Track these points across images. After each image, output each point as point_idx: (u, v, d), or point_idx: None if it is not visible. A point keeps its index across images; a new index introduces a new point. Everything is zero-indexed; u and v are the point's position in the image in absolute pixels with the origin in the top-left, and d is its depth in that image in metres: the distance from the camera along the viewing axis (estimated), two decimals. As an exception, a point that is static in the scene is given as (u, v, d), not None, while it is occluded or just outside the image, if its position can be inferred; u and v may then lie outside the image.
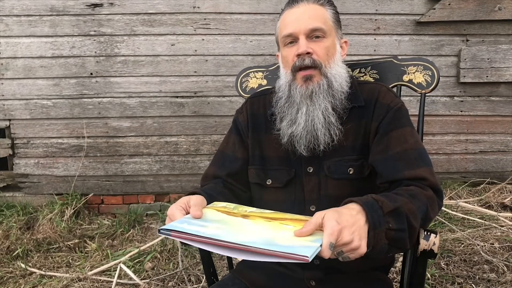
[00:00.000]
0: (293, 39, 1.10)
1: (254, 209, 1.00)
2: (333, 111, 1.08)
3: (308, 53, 1.07)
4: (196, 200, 0.96)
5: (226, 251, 0.78)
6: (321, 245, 0.77)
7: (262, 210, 0.99)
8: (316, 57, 1.07)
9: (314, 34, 1.08)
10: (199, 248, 1.24)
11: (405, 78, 1.34)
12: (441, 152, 3.25)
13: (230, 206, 1.01)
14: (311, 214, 1.08)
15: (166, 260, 2.47)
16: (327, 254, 0.77)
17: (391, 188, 0.99)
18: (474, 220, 2.71)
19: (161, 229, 0.85)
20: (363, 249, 0.80)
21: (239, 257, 0.79)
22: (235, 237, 0.79)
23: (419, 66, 1.33)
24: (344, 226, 0.79)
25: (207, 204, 1.00)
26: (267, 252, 0.74)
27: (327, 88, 1.08)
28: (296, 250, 0.73)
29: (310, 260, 0.72)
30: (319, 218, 0.81)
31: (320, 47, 1.08)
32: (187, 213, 0.94)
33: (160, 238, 2.65)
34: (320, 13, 1.10)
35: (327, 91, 1.08)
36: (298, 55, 1.08)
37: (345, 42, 1.18)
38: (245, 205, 1.09)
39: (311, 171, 1.10)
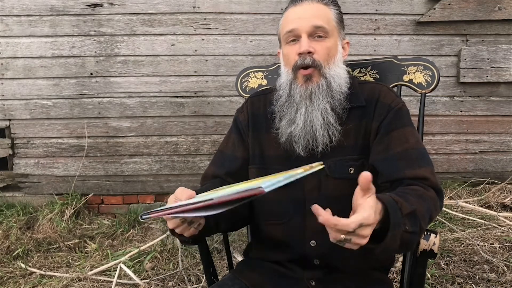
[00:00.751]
0: (295, 37, 1.09)
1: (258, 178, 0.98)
2: (332, 112, 1.07)
3: (309, 52, 1.06)
4: (179, 190, 0.94)
5: (194, 213, 0.79)
6: (287, 179, 0.76)
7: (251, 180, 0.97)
8: (317, 57, 1.07)
9: (316, 33, 1.08)
10: (199, 248, 1.25)
11: (405, 78, 1.34)
12: (441, 152, 3.25)
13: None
14: (311, 213, 1.08)
15: (166, 260, 2.47)
16: (353, 224, 0.73)
17: (392, 188, 0.99)
18: (474, 220, 2.71)
19: (143, 214, 0.85)
20: (362, 245, 0.79)
21: (205, 214, 0.79)
22: (200, 198, 0.80)
23: (419, 66, 1.33)
24: (373, 224, 0.77)
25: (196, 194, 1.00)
26: (224, 199, 0.74)
27: (326, 88, 1.08)
28: (252, 187, 0.72)
29: (265, 191, 0.70)
30: (363, 220, 0.75)
31: (322, 47, 1.08)
32: None
33: (160, 238, 2.65)
34: (324, 13, 1.10)
35: (326, 92, 1.08)
36: (300, 54, 1.07)
37: (347, 43, 1.18)
38: (244, 203, 1.08)
39: (311, 170, 1.10)
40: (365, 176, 0.76)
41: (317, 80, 1.08)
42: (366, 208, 0.76)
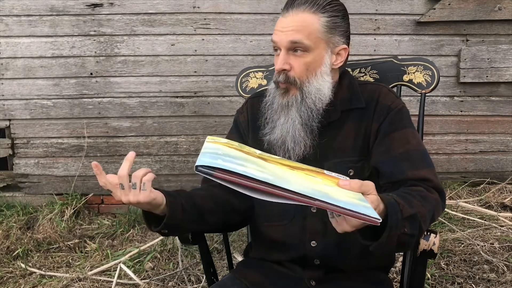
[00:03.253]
0: (277, 48, 1.09)
1: (260, 152, 0.91)
2: (303, 126, 1.07)
3: (284, 69, 1.06)
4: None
5: (276, 198, 0.72)
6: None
7: (270, 155, 0.91)
8: (292, 73, 1.06)
9: (295, 47, 1.05)
10: (199, 248, 1.25)
11: (405, 78, 1.34)
12: (441, 152, 3.25)
13: (233, 144, 0.89)
14: (312, 215, 1.08)
15: (166, 260, 2.47)
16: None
17: (394, 188, 0.99)
18: (474, 220, 2.71)
19: (199, 166, 0.74)
20: (341, 231, 0.81)
21: (294, 203, 0.73)
22: (287, 185, 0.71)
23: (419, 66, 1.33)
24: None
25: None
26: (336, 209, 0.69)
27: (300, 102, 1.07)
28: (368, 212, 0.71)
29: (379, 222, 0.71)
30: (367, 189, 0.80)
31: (300, 63, 1.06)
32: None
33: (160, 238, 2.64)
34: (308, 24, 1.04)
35: (299, 105, 1.07)
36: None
37: (344, 49, 1.11)
38: (244, 202, 1.08)
39: (311, 172, 1.10)
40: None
41: (294, 93, 1.08)
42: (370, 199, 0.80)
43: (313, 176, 0.83)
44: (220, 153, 0.78)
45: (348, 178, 0.85)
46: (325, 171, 0.89)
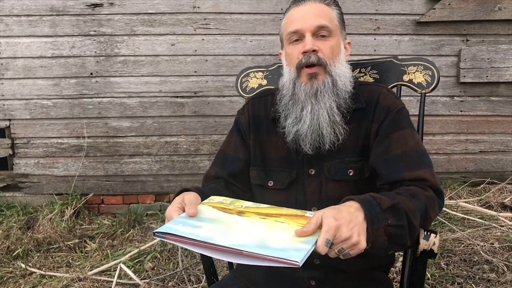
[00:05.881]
0: (298, 37, 1.09)
1: (250, 203, 0.99)
2: (337, 110, 1.07)
3: (314, 50, 1.07)
4: (190, 197, 0.96)
5: (219, 254, 0.79)
6: (314, 244, 0.78)
7: (258, 205, 0.99)
8: (321, 55, 1.07)
9: (320, 33, 1.08)
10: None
11: (405, 78, 1.34)
12: (441, 152, 3.25)
13: (227, 201, 1.00)
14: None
15: (166, 260, 2.47)
16: (323, 250, 0.78)
17: (392, 189, 0.99)
18: (474, 220, 2.71)
19: (156, 232, 0.85)
20: (363, 244, 0.81)
21: (231, 260, 0.80)
22: (227, 240, 0.79)
23: (419, 66, 1.33)
24: (342, 223, 0.79)
25: (202, 200, 1.00)
26: (259, 256, 0.75)
27: (332, 86, 1.08)
28: (287, 255, 0.74)
29: (300, 265, 0.73)
30: (319, 218, 0.81)
31: (326, 46, 1.08)
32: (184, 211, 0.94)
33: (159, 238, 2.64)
34: (327, 12, 1.11)
35: (331, 90, 1.08)
36: (304, 52, 1.07)
37: (349, 43, 1.19)
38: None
39: (313, 173, 1.10)
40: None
41: (322, 78, 1.08)
42: (323, 225, 0.80)
43: (282, 222, 0.87)
44: (185, 218, 0.90)
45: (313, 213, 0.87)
46: (307, 213, 0.90)
